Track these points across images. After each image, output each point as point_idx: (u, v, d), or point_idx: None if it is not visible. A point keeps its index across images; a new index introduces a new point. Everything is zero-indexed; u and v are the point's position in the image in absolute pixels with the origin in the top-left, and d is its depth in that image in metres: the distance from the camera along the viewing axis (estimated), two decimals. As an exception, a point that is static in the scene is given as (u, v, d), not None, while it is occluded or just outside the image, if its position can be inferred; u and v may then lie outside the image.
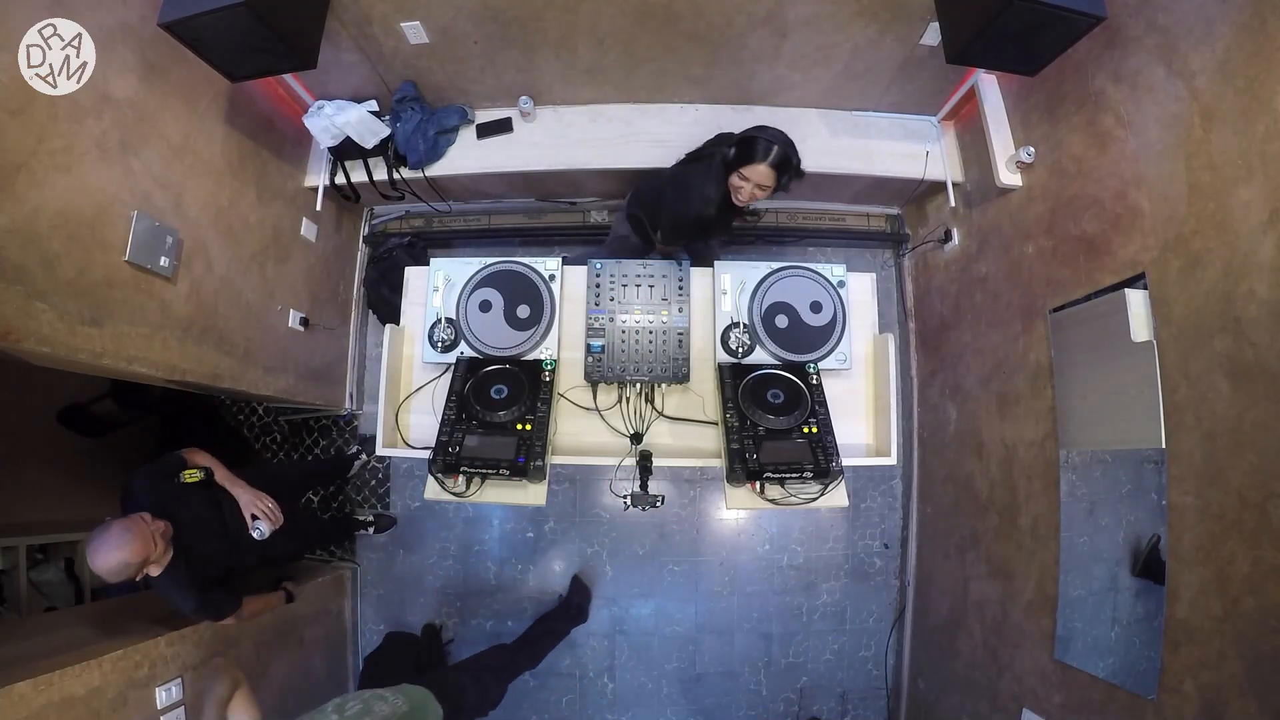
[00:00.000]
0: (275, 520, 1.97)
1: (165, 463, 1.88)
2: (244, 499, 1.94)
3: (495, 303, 1.72)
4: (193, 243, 2.00)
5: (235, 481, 1.97)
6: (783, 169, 1.74)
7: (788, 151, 1.74)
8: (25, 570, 2.53)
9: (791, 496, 1.49)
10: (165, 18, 1.65)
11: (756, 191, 1.79)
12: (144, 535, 1.62)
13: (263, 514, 1.94)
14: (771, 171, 1.73)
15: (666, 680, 2.93)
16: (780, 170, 1.74)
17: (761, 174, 1.74)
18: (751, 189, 1.78)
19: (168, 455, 1.92)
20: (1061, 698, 1.91)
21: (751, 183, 1.76)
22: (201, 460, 1.95)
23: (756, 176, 1.75)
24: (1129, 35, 1.74)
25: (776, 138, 1.74)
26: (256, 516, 1.94)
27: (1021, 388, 2.20)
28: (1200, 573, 1.50)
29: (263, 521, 1.94)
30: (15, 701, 1.47)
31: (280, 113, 2.44)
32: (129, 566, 1.60)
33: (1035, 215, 2.17)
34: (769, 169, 1.73)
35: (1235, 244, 1.44)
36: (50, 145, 1.53)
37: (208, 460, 1.96)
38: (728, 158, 1.79)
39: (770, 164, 1.72)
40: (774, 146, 1.72)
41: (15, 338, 1.46)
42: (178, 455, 1.93)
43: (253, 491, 1.97)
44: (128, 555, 1.58)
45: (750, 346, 1.70)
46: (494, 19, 2.12)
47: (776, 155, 1.72)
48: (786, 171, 1.76)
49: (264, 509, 1.95)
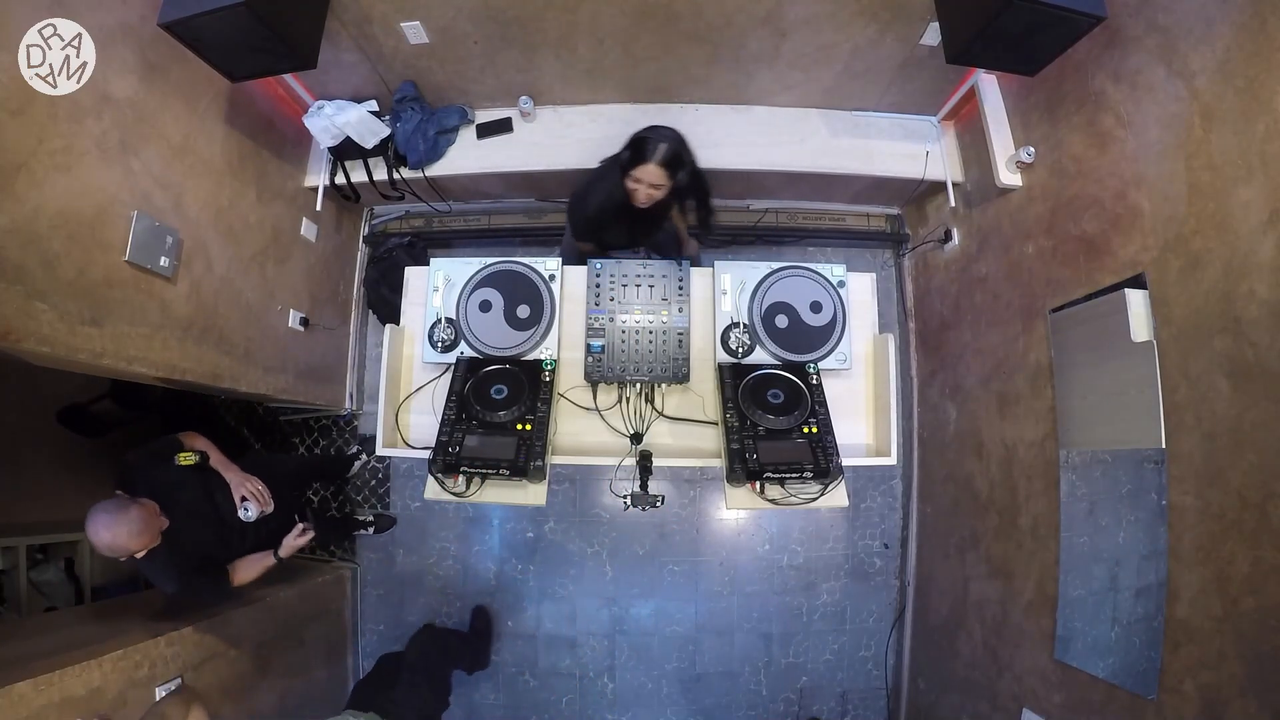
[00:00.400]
0: (264, 503, 1.98)
1: (162, 444, 1.90)
2: (234, 480, 1.96)
3: (495, 303, 1.71)
4: (193, 243, 2.00)
5: (228, 465, 1.99)
6: (674, 166, 1.74)
7: (677, 149, 1.73)
8: (25, 570, 2.53)
9: (791, 496, 1.49)
10: (165, 18, 1.65)
11: (651, 192, 1.79)
12: (151, 527, 1.65)
13: (251, 495, 1.96)
14: (662, 170, 1.73)
15: (666, 680, 2.93)
16: (671, 168, 1.74)
17: (652, 174, 1.74)
18: (645, 189, 1.79)
19: (165, 437, 1.94)
20: (1061, 698, 1.91)
21: (644, 183, 1.77)
22: (198, 444, 1.97)
23: (647, 176, 1.75)
24: (1129, 35, 1.74)
25: (665, 136, 1.74)
26: (245, 498, 1.95)
27: (1021, 388, 2.20)
28: (1200, 573, 1.50)
29: (251, 503, 1.95)
30: (15, 701, 1.47)
31: (280, 113, 2.44)
32: (126, 549, 1.62)
33: (1035, 215, 2.17)
34: (658, 168, 1.73)
35: (1235, 244, 1.44)
36: (50, 145, 1.53)
37: (204, 444, 1.98)
38: (623, 159, 1.79)
39: (659, 163, 1.72)
40: (661, 145, 1.71)
41: (15, 338, 1.46)
42: (174, 438, 1.95)
43: (242, 474, 1.99)
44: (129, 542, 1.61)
45: (750, 346, 1.70)
46: (494, 19, 2.12)
47: (665, 154, 1.71)
48: (678, 169, 1.75)
49: (253, 491, 1.97)
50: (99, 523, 1.59)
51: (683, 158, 1.75)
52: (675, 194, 1.88)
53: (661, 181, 1.76)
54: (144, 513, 1.65)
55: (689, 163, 1.77)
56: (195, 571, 1.86)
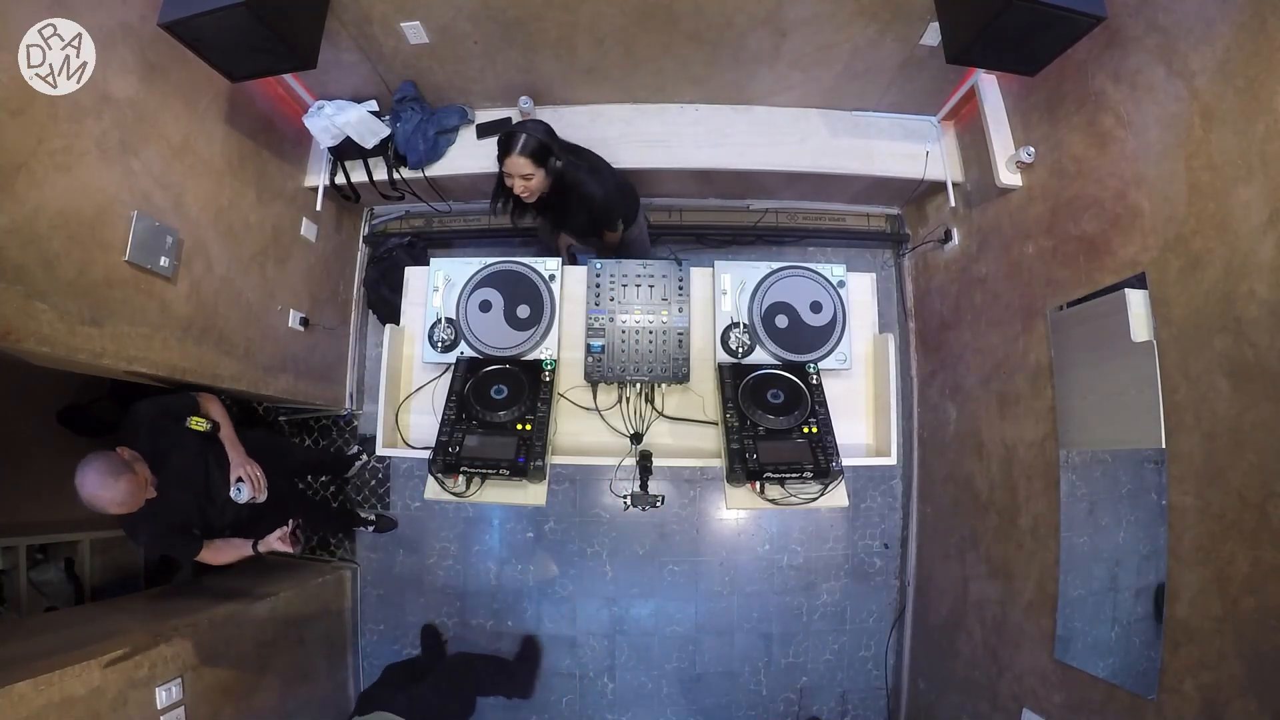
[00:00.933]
0: (258, 489, 1.96)
1: (178, 402, 1.89)
2: (236, 459, 1.95)
3: (495, 303, 1.71)
4: (193, 243, 2.00)
5: (235, 444, 1.97)
6: (539, 155, 1.83)
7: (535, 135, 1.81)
8: (25, 570, 2.53)
9: (791, 496, 1.49)
10: (165, 18, 1.65)
11: (520, 182, 1.87)
12: (136, 498, 1.65)
13: (248, 479, 1.94)
14: (526, 160, 1.82)
15: (666, 680, 2.93)
16: (537, 157, 1.82)
17: (518, 165, 1.83)
18: (518, 181, 1.87)
19: (182, 395, 1.92)
20: (1061, 698, 1.91)
21: (514, 175, 1.86)
22: (214, 410, 1.96)
23: (515, 169, 1.84)
24: (1129, 35, 1.74)
25: (524, 129, 1.82)
26: (241, 480, 1.94)
27: (1021, 388, 2.20)
28: (1200, 573, 1.50)
29: (245, 485, 1.93)
30: (15, 701, 1.47)
31: (280, 113, 2.44)
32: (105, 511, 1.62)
33: (1035, 215, 2.17)
34: (520, 158, 1.82)
35: (1235, 244, 1.44)
36: (50, 145, 1.53)
37: (219, 413, 1.97)
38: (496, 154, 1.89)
39: (520, 153, 1.81)
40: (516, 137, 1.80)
41: (15, 338, 1.46)
42: (191, 398, 1.93)
43: (245, 456, 1.97)
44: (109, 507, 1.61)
45: (750, 346, 1.70)
46: (494, 19, 2.12)
47: (522, 144, 1.80)
48: (545, 154, 1.84)
49: (251, 474, 1.95)
50: (88, 479, 1.58)
51: (539, 139, 1.83)
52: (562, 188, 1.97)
53: (530, 169, 1.85)
54: (133, 485, 1.63)
55: (548, 144, 1.85)
56: (168, 532, 1.86)
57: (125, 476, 1.63)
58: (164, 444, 1.80)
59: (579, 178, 1.99)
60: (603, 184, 2.06)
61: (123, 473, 1.63)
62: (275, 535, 1.97)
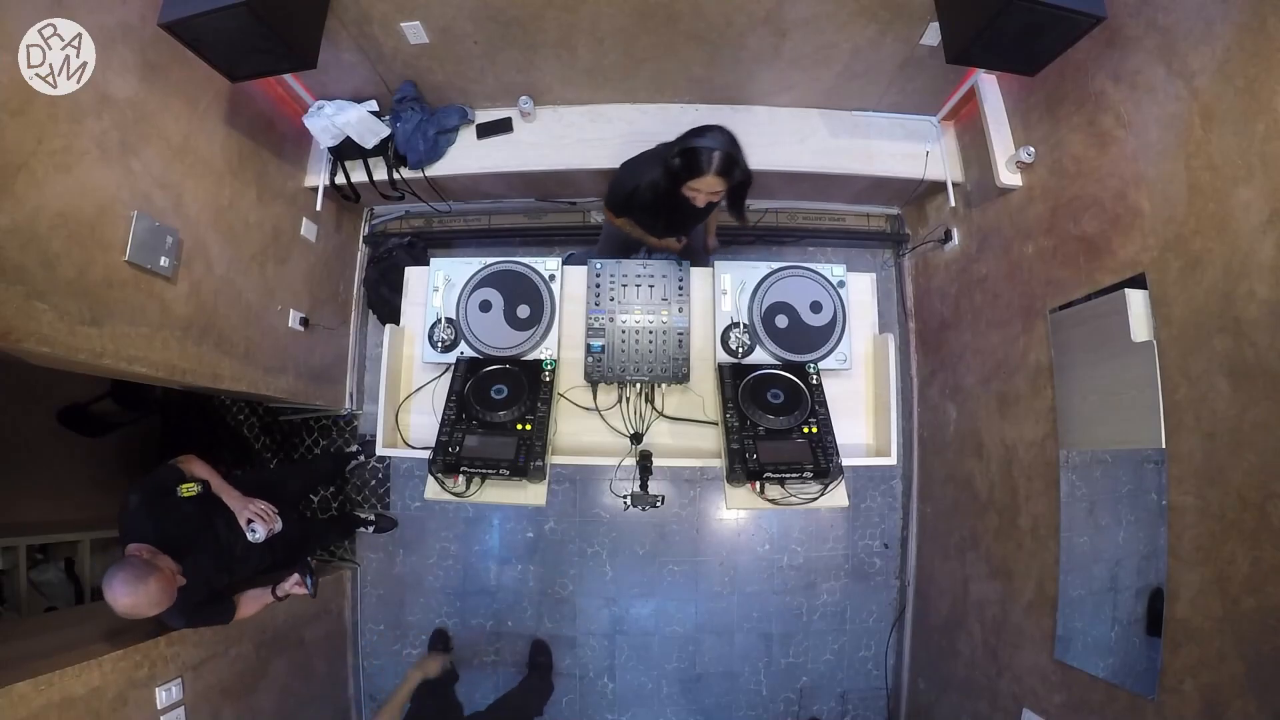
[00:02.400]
0: (270, 520, 1.94)
1: (162, 477, 1.84)
2: (236, 505, 1.92)
3: (495, 303, 1.72)
4: (193, 243, 2.00)
5: (228, 490, 1.94)
6: (729, 173, 1.71)
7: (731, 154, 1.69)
8: (25, 570, 2.53)
9: (791, 496, 1.49)
10: (165, 18, 1.65)
11: (710, 197, 1.77)
12: (170, 592, 1.61)
13: (256, 516, 1.92)
14: (718, 179, 1.70)
15: (666, 680, 2.93)
16: (727, 175, 1.70)
17: (709, 184, 1.70)
18: (704, 196, 1.76)
19: (163, 468, 1.87)
20: (1061, 698, 1.91)
21: (702, 192, 1.74)
22: (197, 470, 1.92)
23: (705, 186, 1.71)
24: (1129, 35, 1.74)
25: (717, 144, 1.69)
26: (251, 520, 1.91)
27: (1021, 388, 2.20)
28: (1200, 573, 1.50)
29: (258, 524, 1.91)
30: (15, 701, 1.47)
31: (280, 113, 2.44)
32: (145, 616, 1.58)
33: (1035, 215, 2.17)
34: (715, 178, 1.69)
35: (1235, 244, 1.44)
36: (50, 145, 1.53)
37: (202, 470, 1.93)
38: (674, 167, 1.75)
39: (715, 173, 1.68)
40: (714, 155, 1.68)
41: (15, 338, 1.46)
42: (174, 468, 1.88)
43: (243, 498, 1.94)
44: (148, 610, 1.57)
45: (750, 346, 1.70)
46: (494, 19, 2.12)
47: (720, 163, 1.68)
48: (733, 173, 1.72)
49: (256, 511, 1.93)
50: (118, 591, 1.54)
51: (737, 161, 1.71)
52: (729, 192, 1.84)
53: (720, 188, 1.73)
54: (163, 582, 1.59)
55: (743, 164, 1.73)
56: (202, 608, 1.83)
57: (153, 577, 1.58)
58: (168, 525, 1.74)
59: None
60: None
61: (149, 574, 1.58)
62: (290, 584, 1.94)
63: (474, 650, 2.93)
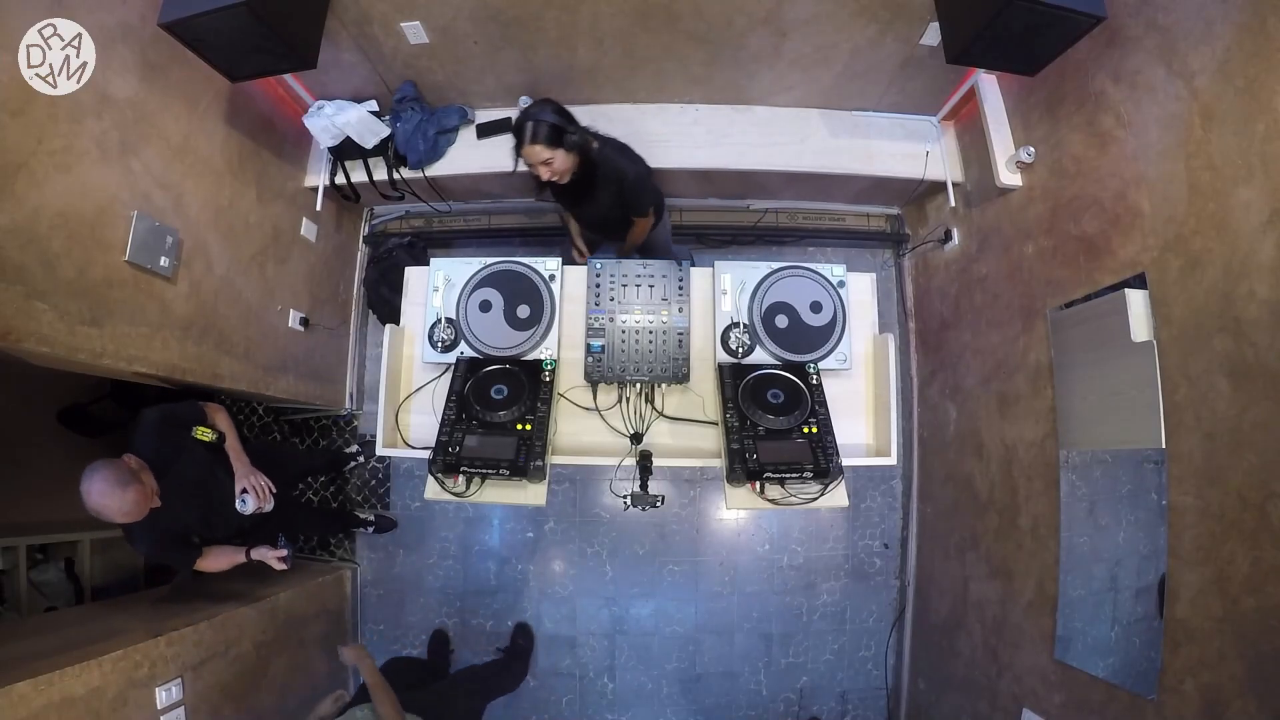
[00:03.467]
0: (263, 500, 1.97)
1: (184, 411, 1.88)
2: (240, 471, 1.95)
3: (495, 303, 1.71)
4: (193, 243, 2.00)
5: (240, 455, 1.97)
6: (552, 139, 1.73)
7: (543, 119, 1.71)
8: (25, 570, 2.53)
9: (791, 496, 1.49)
10: (165, 18, 1.66)
11: (543, 169, 1.79)
12: (141, 508, 1.64)
13: (253, 490, 1.95)
14: (543, 147, 1.73)
15: (666, 680, 2.93)
16: (551, 142, 1.73)
17: (536, 153, 1.74)
18: (541, 169, 1.79)
19: (190, 404, 1.91)
20: (1061, 698, 1.91)
21: (535, 163, 1.78)
22: (220, 420, 1.96)
23: (533, 157, 1.75)
24: (1129, 35, 1.74)
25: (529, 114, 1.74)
26: (246, 490, 1.94)
27: (1021, 388, 2.20)
28: (1200, 573, 1.50)
29: (250, 497, 1.94)
30: (15, 701, 1.47)
31: (280, 113, 2.44)
32: (110, 520, 1.62)
33: (1035, 215, 2.17)
34: (535, 146, 1.73)
35: (1235, 244, 1.44)
36: (50, 145, 1.53)
37: (225, 423, 1.97)
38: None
39: (533, 142, 1.72)
40: (525, 126, 1.71)
41: (15, 338, 1.46)
42: (199, 408, 1.92)
43: (251, 467, 1.97)
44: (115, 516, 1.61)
45: (750, 346, 1.70)
46: (494, 19, 2.12)
47: (532, 132, 1.71)
48: (558, 138, 1.74)
49: (256, 485, 1.95)
50: (94, 487, 1.58)
51: (552, 125, 1.74)
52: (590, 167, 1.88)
53: (549, 155, 1.76)
54: (139, 495, 1.63)
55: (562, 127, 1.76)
56: (168, 541, 1.86)
57: (133, 486, 1.62)
58: (169, 452, 1.79)
59: (606, 154, 1.91)
60: (633, 161, 1.99)
61: (130, 483, 1.62)
62: (269, 550, 1.97)
63: (474, 650, 2.92)
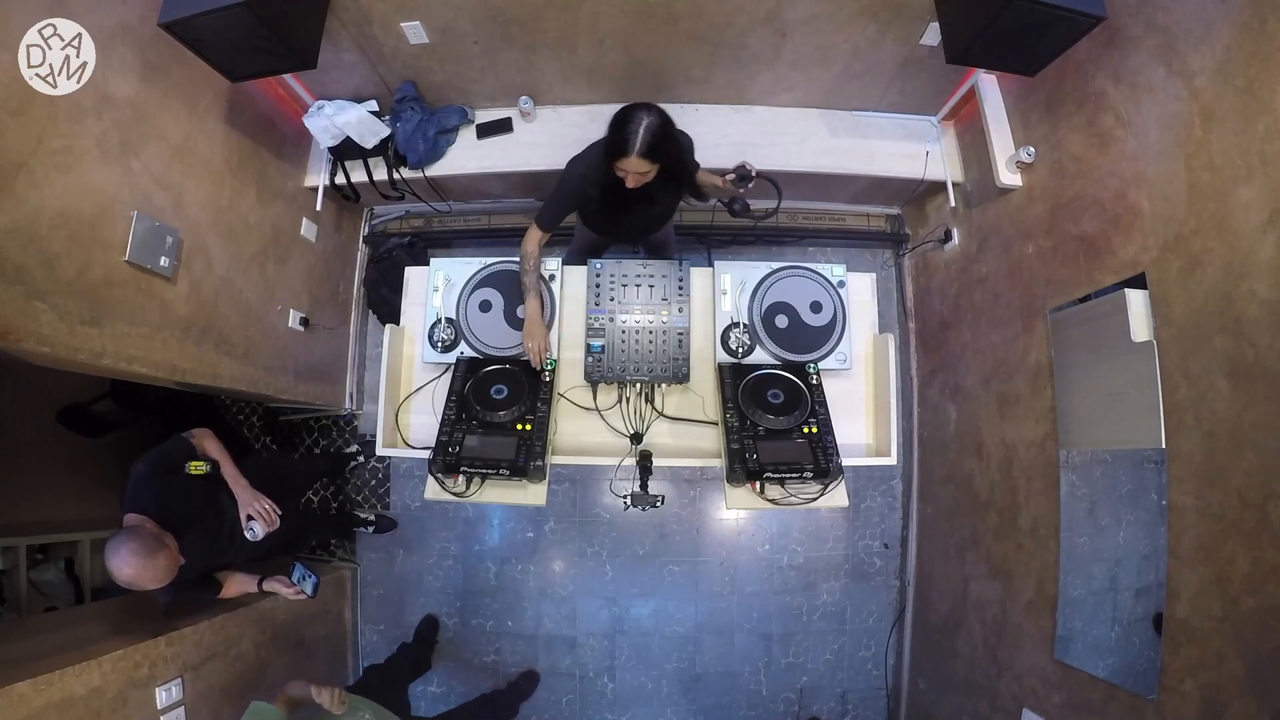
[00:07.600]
0: (271, 523, 1.92)
1: (172, 451, 1.81)
2: (243, 498, 1.89)
3: (495, 303, 1.72)
4: (193, 243, 2.00)
5: (238, 479, 1.91)
6: (656, 153, 1.63)
7: (657, 135, 1.62)
8: (25, 570, 2.53)
9: (791, 496, 1.49)
10: (165, 18, 1.66)
11: (639, 178, 1.69)
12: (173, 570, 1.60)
13: (259, 514, 1.89)
14: (644, 160, 1.63)
15: (666, 680, 2.93)
16: (654, 156, 1.63)
17: (634, 164, 1.63)
18: (633, 178, 1.69)
19: (175, 441, 1.84)
20: (1061, 698, 1.91)
21: (630, 173, 1.67)
22: (209, 448, 1.89)
23: (631, 167, 1.65)
24: (1129, 35, 1.74)
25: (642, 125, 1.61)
26: (252, 517, 1.89)
27: (1021, 388, 2.20)
28: (1200, 573, 1.50)
29: (258, 523, 1.89)
30: (15, 701, 1.47)
31: (280, 113, 2.44)
32: (144, 589, 1.58)
33: (1035, 215, 2.17)
34: (639, 159, 1.62)
35: (1235, 244, 1.44)
36: (50, 145, 1.53)
37: (215, 449, 1.90)
38: (606, 149, 1.68)
39: (639, 154, 1.61)
40: (637, 136, 1.60)
41: (15, 338, 1.46)
42: (185, 442, 1.84)
43: (253, 491, 1.92)
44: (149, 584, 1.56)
45: (750, 346, 1.70)
46: (494, 19, 2.12)
47: (643, 144, 1.60)
48: (662, 152, 1.64)
49: (261, 510, 1.90)
50: (125, 562, 1.52)
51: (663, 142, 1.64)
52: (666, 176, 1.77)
53: (647, 168, 1.66)
54: (170, 559, 1.59)
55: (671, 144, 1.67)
56: (192, 587, 1.82)
57: (162, 553, 1.57)
58: (171, 500, 1.72)
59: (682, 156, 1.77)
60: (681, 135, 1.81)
61: (158, 550, 1.57)
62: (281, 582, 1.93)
63: (474, 650, 2.93)
